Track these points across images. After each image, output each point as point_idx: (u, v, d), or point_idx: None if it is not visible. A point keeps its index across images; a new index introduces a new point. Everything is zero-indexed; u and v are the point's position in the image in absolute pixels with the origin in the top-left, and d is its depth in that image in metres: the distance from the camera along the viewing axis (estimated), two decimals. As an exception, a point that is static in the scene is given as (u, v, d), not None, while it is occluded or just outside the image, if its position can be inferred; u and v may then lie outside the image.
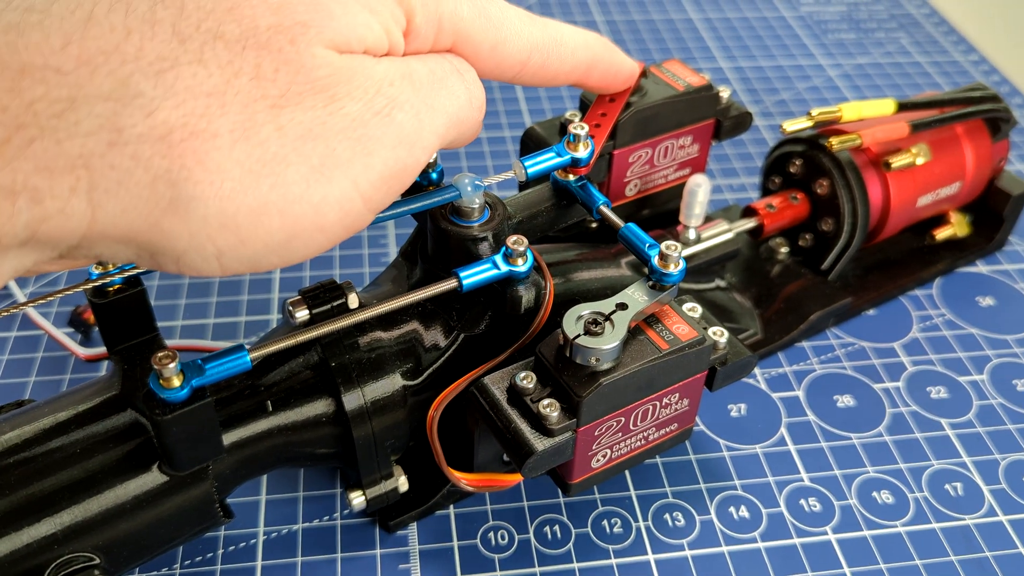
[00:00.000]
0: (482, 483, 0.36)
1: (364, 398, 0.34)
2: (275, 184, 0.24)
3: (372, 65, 0.26)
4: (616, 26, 0.76)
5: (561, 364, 0.33)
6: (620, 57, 0.37)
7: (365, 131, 0.26)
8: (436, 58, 0.29)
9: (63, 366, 0.44)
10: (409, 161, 0.27)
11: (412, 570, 0.37)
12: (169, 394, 0.28)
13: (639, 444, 0.36)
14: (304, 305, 0.34)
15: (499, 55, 0.30)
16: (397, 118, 0.26)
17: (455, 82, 0.29)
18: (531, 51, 0.31)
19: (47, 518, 0.30)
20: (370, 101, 0.26)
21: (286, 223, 0.25)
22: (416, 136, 0.27)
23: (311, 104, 0.25)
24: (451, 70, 0.29)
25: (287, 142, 0.24)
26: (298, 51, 0.25)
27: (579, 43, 0.34)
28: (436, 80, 0.28)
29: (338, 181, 0.25)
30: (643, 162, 0.44)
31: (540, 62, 0.32)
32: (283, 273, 0.50)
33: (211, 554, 0.37)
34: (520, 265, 0.34)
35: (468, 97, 0.29)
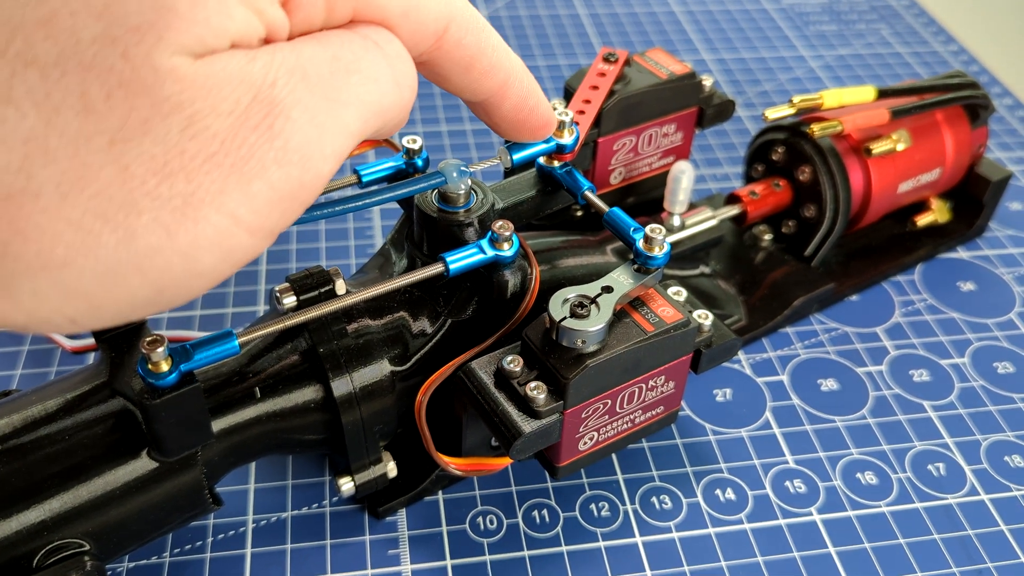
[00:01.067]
0: (471, 467, 0.36)
1: (353, 384, 0.34)
2: (124, 239, 0.20)
3: (243, 64, 0.21)
4: (599, 19, 0.76)
5: (547, 347, 0.33)
6: (541, 94, 0.31)
7: (239, 153, 0.21)
8: (342, 35, 0.23)
9: (50, 358, 0.44)
10: (306, 178, 0.22)
11: (402, 555, 0.37)
12: (158, 379, 0.28)
13: (626, 427, 0.37)
14: (292, 291, 0.34)
15: (412, 22, 0.25)
16: (283, 129, 0.21)
17: (373, 61, 0.23)
18: (450, 21, 0.26)
19: (36, 505, 0.30)
20: (243, 113, 0.21)
21: (149, 279, 0.21)
22: (312, 146, 0.22)
23: (163, 131, 0.20)
24: (365, 47, 0.23)
25: (135, 186, 0.20)
26: (135, 67, 0.19)
27: (501, 45, 0.29)
28: (341, 66, 0.23)
29: (210, 219, 0.21)
30: (627, 150, 0.45)
31: (455, 40, 0.26)
32: (270, 264, 0.50)
33: (200, 542, 0.37)
34: (506, 250, 0.34)
35: (392, 78, 0.24)
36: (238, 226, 0.21)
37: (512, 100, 0.30)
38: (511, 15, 0.76)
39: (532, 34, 0.73)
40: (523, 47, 0.72)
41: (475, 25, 0.27)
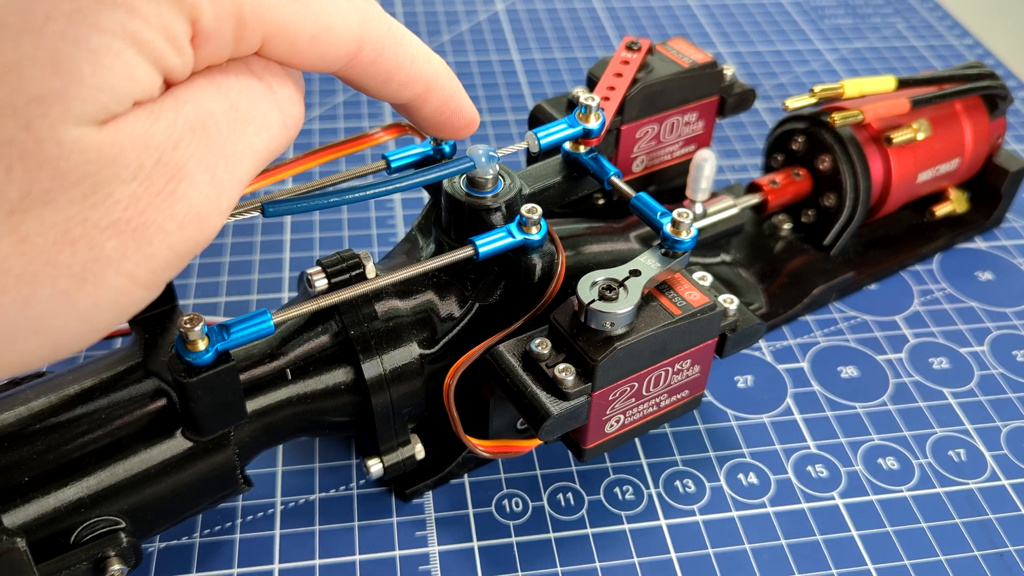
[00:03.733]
0: (498, 449, 0.36)
1: (383, 366, 0.35)
2: (23, 308, 0.20)
3: (147, 128, 0.20)
4: (615, 12, 0.76)
5: (576, 330, 0.34)
6: (463, 92, 0.31)
7: (141, 219, 0.20)
8: (240, 82, 0.23)
9: (77, 344, 0.45)
10: (203, 236, 0.22)
11: (429, 537, 0.38)
12: (194, 357, 0.29)
13: (651, 410, 0.37)
14: (323, 274, 0.34)
15: (321, 46, 0.24)
16: (185, 194, 0.21)
17: (265, 108, 0.23)
18: (362, 43, 0.25)
19: (74, 482, 0.30)
20: (147, 179, 0.20)
21: (46, 340, 0.21)
22: (212, 205, 0.22)
23: (66, 200, 0.19)
24: (259, 93, 0.23)
25: (35, 256, 0.19)
26: (38, 139, 0.19)
27: (421, 53, 0.28)
28: (238, 116, 0.22)
29: (109, 280, 0.20)
30: (649, 138, 0.45)
31: (371, 58, 0.26)
32: (293, 252, 0.51)
33: (229, 523, 0.38)
34: (534, 233, 0.35)
35: (281, 121, 0.24)
36: (135, 285, 0.21)
37: (433, 104, 0.29)
38: (528, 8, 0.76)
39: (549, 27, 0.74)
40: (540, 39, 0.72)
41: (390, 42, 0.26)
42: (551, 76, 0.68)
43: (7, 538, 0.26)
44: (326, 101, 0.63)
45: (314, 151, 0.39)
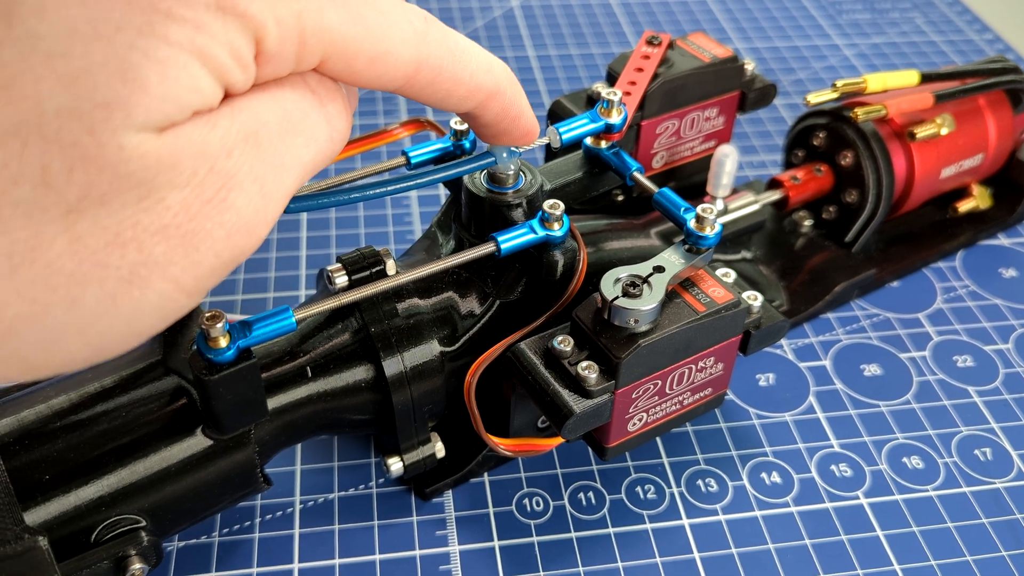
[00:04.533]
0: (519, 448, 0.36)
1: (404, 364, 0.34)
2: (70, 308, 0.20)
3: (203, 135, 0.21)
4: (631, 8, 0.76)
5: (599, 327, 0.33)
6: (524, 100, 0.30)
7: (191, 225, 0.21)
8: (295, 93, 0.23)
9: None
10: (250, 245, 0.22)
11: (449, 536, 0.37)
12: (216, 354, 0.29)
13: (674, 408, 0.36)
14: (343, 270, 0.34)
15: (379, 68, 0.24)
16: (235, 202, 0.21)
17: (315, 121, 0.23)
18: (419, 65, 0.25)
19: (95, 480, 0.30)
20: (199, 185, 0.21)
21: (89, 342, 0.21)
22: (259, 215, 0.22)
23: (120, 203, 0.20)
24: (311, 105, 0.23)
25: (86, 256, 0.20)
26: (100, 144, 0.19)
27: (481, 66, 0.28)
28: (290, 127, 0.22)
29: (155, 285, 0.21)
30: (670, 133, 0.45)
31: (430, 78, 0.26)
32: (310, 250, 0.50)
33: (248, 522, 0.37)
34: (556, 230, 0.34)
35: (329, 135, 0.24)
36: (180, 291, 0.21)
37: (493, 112, 0.29)
38: (542, 4, 0.76)
39: (564, 23, 0.73)
40: (555, 35, 0.72)
41: (448, 61, 0.26)
42: (567, 72, 0.67)
43: (29, 536, 0.26)
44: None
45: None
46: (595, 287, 0.34)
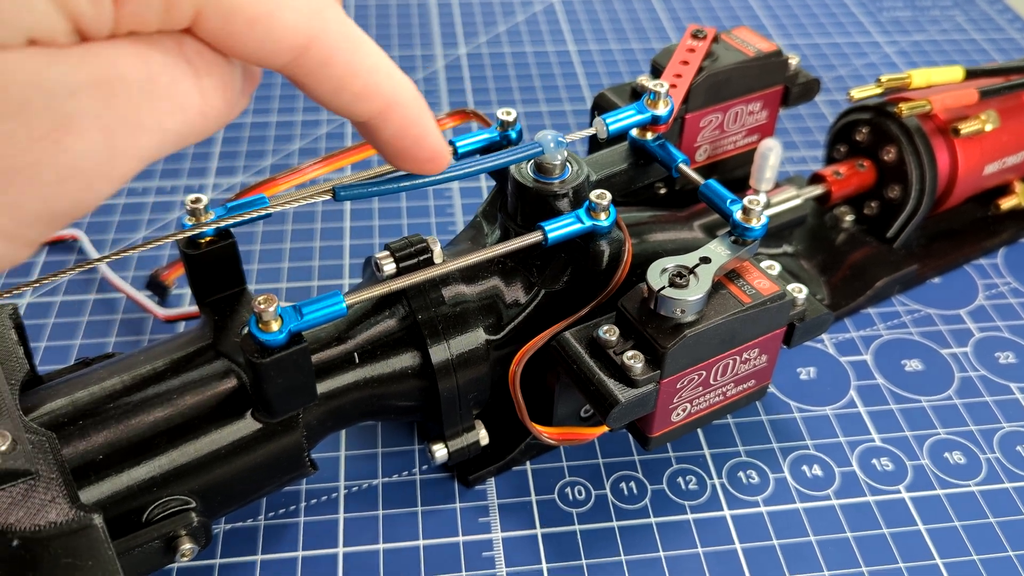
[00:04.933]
0: (563, 436, 0.36)
1: (450, 351, 0.35)
2: None
3: (40, 67, 0.19)
4: (671, 3, 0.76)
5: (645, 317, 0.33)
6: (431, 121, 0.27)
7: (14, 161, 0.19)
8: (166, 57, 0.21)
9: (142, 327, 0.45)
10: (86, 199, 0.20)
11: (492, 523, 0.38)
12: (268, 337, 0.29)
13: (718, 399, 0.37)
14: (391, 258, 0.34)
15: (261, 33, 0.21)
16: (72, 146, 0.19)
17: (185, 90, 0.21)
18: (311, 40, 0.22)
19: (147, 461, 0.31)
20: (29, 120, 0.19)
21: None
22: (101, 168, 0.20)
23: None
24: (183, 73, 0.21)
25: None
26: None
27: (382, 67, 0.25)
28: (155, 90, 0.20)
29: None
30: (713, 127, 0.45)
31: (322, 59, 0.23)
32: (353, 240, 0.51)
33: (294, 506, 0.38)
34: (603, 219, 0.34)
35: (200, 108, 0.22)
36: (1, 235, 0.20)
37: (394, 126, 0.26)
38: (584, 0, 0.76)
39: (604, 18, 0.73)
40: (596, 31, 0.72)
41: (345, 45, 0.24)
42: (607, 67, 0.67)
43: (84, 514, 0.27)
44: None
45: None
46: (639, 278, 0.34)
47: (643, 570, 0.36)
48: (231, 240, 0.34)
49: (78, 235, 0.49)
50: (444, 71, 0.66)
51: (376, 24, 0.72)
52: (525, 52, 0.69)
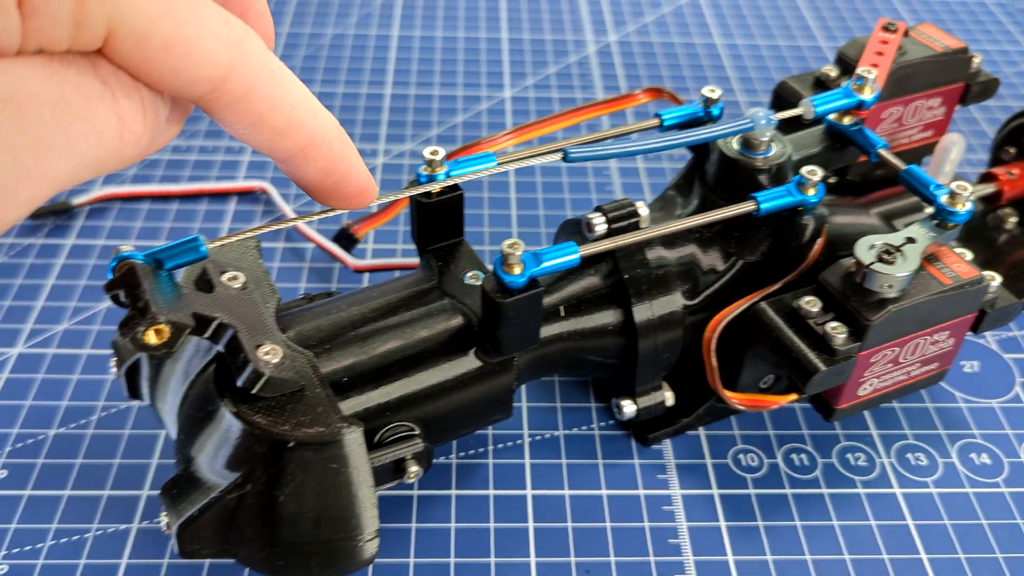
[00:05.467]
0: (751, 402, 0.38)
1: (652, 312, 0.37)
2: None
3: None
4: (815, 5, 0.76)
5: (848, 291, 0.35)
6: (355, 155, 0.27)
7: None
8: (80, 78, 0.20)
9: (330, 276, 0.48)
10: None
11: (670, 480, 0.39)
12: (511, 279, 0.31)
13: (902, 378, 0.38)
14: (604, 218, 0.36)
15: (177, 61, 0.21)
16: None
17: (102, 113, 0.20)
18: (230, 70, 0.22)
19: (383, 386, 0.33)
20: None
21: None
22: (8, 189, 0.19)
23: None
24: (99, 96, 0.20)
25: None
26: None
27: (304, 103, 0.24)
28: (68, 111, 0.19)
29: None
30: (893, 120, 0.46)
31: (241, 92, 0.22)
32: (519, 211, 0.53)
33: (483, 449, 0.40)
34: (812, 195, 0.36)
35: (118, 133, 0.21)
36: None
37: (317, 165, 0.25)
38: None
39: (749, 14, 0.75)
40: (741, 26, 0.73)
41: (266, 79, 0.23)
42: (755, 61, 0.68)
43: (350, 425, 0.29)
44: (538, 72, 0.66)
45: (577, 108, 0.42)
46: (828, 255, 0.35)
47: (818, 536, 0.38)
48: (459, 192, 0.36)
49: (266, 187, 0.52)
50: (596, 56, 0.68)
51: (528, 7, 0.74)
52: (672, 43, 0.70)
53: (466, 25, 0.71)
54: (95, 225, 0.50)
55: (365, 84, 0.63)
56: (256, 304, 0.31)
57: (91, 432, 0.40)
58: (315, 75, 0.64)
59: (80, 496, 0.38)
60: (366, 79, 0.64)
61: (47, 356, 0.43)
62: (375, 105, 0.61)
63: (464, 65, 0.66)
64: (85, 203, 0.51)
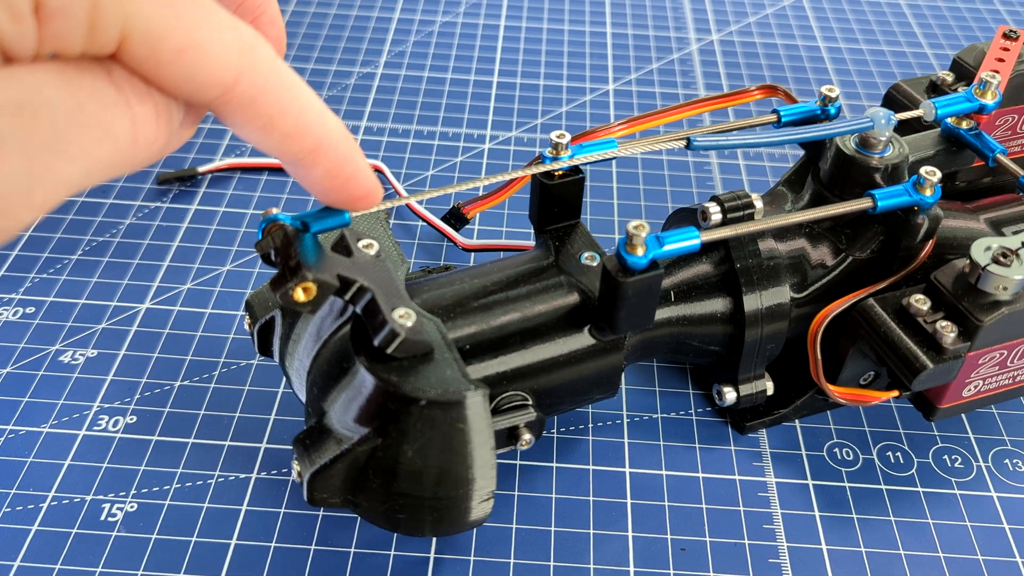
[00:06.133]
0: (852, 396, 0.39)
1: (761, 302, 0.37)
2: None
3: None
4: (920, 10, 0.76)
5: (960, 291, 0.35)
6: (362, 159, 0.27)
7: None
8: (95, 85, 0.20)
9: (438, 253, 0.50)
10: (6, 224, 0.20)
11: (765, 468, 0.40)
12: (633, 260, 0.32)
13: (1007, 382, 0.38)
14: (720, 208, 0.37)
15: (189, 63, 0.21)
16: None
17: (116, 118, 0.21)
18: (240, 74, 0.22)
19: (502, 356, 0.35)
20: None
21: None
22: (20, 195, 0.19)
23: None
24: (113, 101, 0.21)
25: None
26: None
27: (313, 108, 0.25)
28: (83, 118, 0.20)
29: None
30: (1006, 127, 0.46)
31: (251, 96, 0.23)
32: (620, 199, 0.54)
33: (583, 426, 0.42)
34: (928, 195, 0.36)
35: (132, 137, 0.21)
36: None
37: (324, 167, 0.26)
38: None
39: (852, 18, 0.75)
40: (843, 29, 0.73)
41: (275, 83, 0.23)
42: (857, 65, 0.69)
43: (477, 388, 0.31)
44: (640, 66, 0.67)
45: (694, 101, 0.43)
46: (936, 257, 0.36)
47: (912, 532, 0.38)
48: (581, 176, 0.38)
49: (380, 166, 0.54)
50: (698, 54, 0.69)
51: (632, 3, 0.75)
52: (775, 44, 0.71)
53: (571, 18, 0.73)
54: (217, 192, 0.53)
55: (473, 71, 0.65)
56: (389, 270, 0.33)
57: (213, 386, 0.42)
58: (424, 60, 0.66)
59: (203, 444, 0.40)
60: (474, 66, 0.66)
61: (172, 312, 0.46)
62: (483, 92, 0.63)
63: (569, 57, 0.68)
64: (209, 171, 0.54)
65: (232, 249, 0.49)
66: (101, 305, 0.46)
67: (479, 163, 0.57)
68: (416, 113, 0.61)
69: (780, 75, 0.67)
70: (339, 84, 0.63)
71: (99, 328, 0.45)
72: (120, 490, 0.38)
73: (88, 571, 0.35)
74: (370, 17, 0.71)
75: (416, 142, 0.58)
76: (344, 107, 0.61)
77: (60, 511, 0.37)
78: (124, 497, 0.38)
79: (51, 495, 0.38)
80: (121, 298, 0.46)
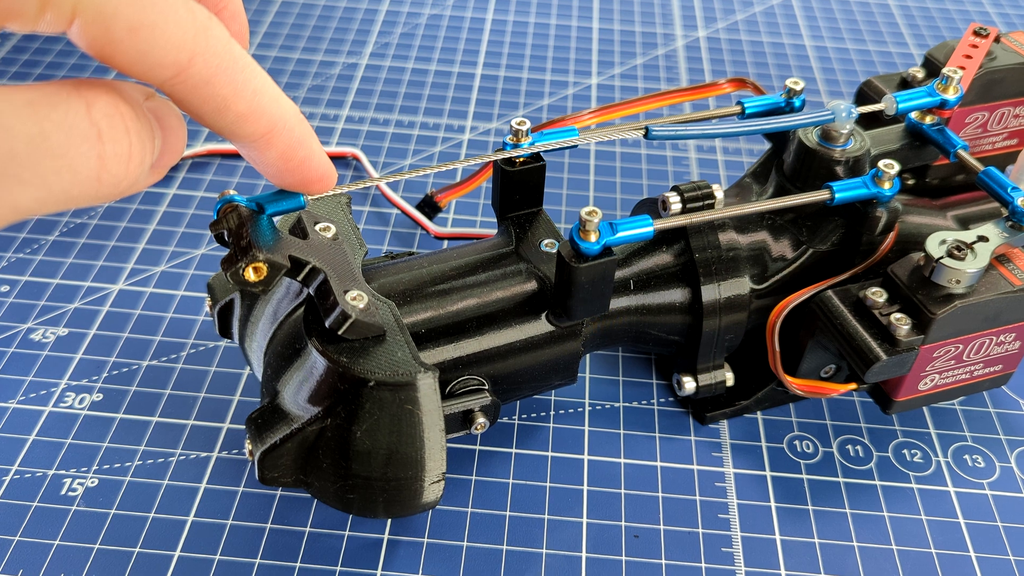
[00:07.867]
0: (810, 388, 0.39)
1: (719, 293, 0.38)
2: None
3: None
4: (908, 10, 0.76)
5: (915, 284, 0.35)
6: (316, 143, 0.28)
7: None
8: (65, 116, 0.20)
9: (410, 241, 0.50)
10: None
11: (724, 459, 0.40)
12: (586, 246, 0.33)
13: (964, 377, 0.38)
14: (679, 197, 0.37)
15: (142, 43, 0.21)
16: None
17: (82, 154, 0.21)
18: (194, 55, 0.22)
19: (458, 342, 0.35)
20: None
21: None
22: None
23: None
24: (82, 137, 0.21)
25: None
26: None
27: (267, 91, 0.25)
28: (45, 147, 0.20)
29: None
30: (977, 125, 0.46)
31: (205, 77, 0.23)
32: (624, 194, 0.54)
33: (544, 413, 0.42)
34: (887, 188, 0.37)
35: (97, 174, 0.21)
36: None
37: (278, 150, 0.26)
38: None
39: (841, 17, 0.75)
40: (831, 28, 0.73)
41: (229, 65, 0.23)
42: (842, 64, 0.69)
43: (427, 371, 0.31)
44: (625, 62, 0.67)
45: (661, 92, 0.43)
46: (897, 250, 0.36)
47: (867, 525, 0.38)
48: (542, 163, 0.38)
49: (357, 154, 0.55)
50: (683, 50, 0.69)
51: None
52: (762, 41, 0.71)
53: (558, 12, 0.73)
54: (196, 178, 0.53)
55: (457, 63, 0.66)
56: (345, 253, 0.33)
57: (180, 366, 0.43)
58: (409, 51, 0.66)
59: (167, 423, 0.40)
60: (459, 58, 0.66)
61: (145, 294, 0.46)
62: (466, 84, 0.63)
63: (554, 51, 0.68)
64: (189, 156, 0.54)
65: (208, 233, 0.50)
66: (75, 285, 0.46)
67: (457, 153, 0.57)
68: (398, 103, 0.61)
69: (765, 72, 0.67)
70: (323, 74, 0.63)
71: (71, 308, 0.45)
72: (82, 466, 0.38)
73: (46, 543, 0.36)
74: (358, 8, 0.71)
75: (396, 131, 0.58)
76: (327, 96, 0.61)
77: (22, 484, 0.38)
78: (86, 473, 0.38)
79: (14, 468, 0.38)
80: (95, 279, 0.47)
